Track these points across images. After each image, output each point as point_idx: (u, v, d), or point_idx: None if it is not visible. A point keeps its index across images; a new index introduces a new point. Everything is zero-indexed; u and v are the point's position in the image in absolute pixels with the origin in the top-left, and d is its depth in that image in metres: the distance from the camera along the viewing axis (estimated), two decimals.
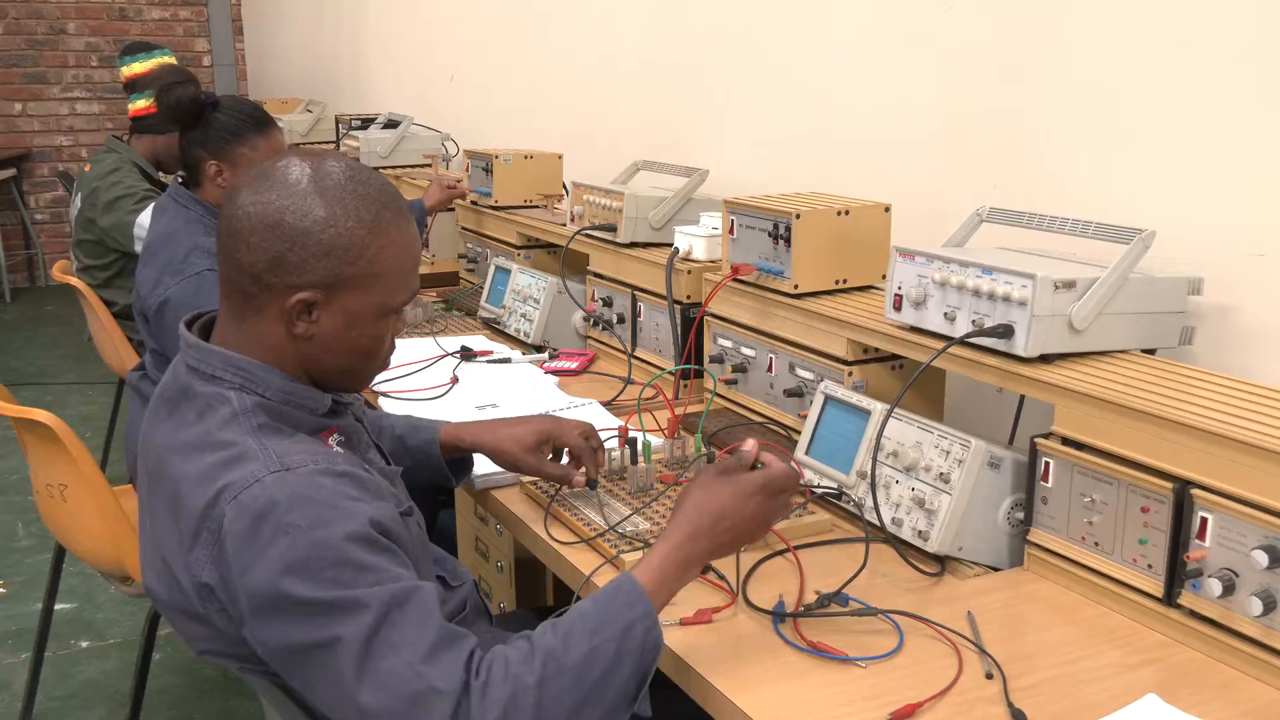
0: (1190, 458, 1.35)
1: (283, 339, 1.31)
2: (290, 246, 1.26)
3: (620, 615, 1.20)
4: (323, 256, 1.27)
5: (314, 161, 1.31)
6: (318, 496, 1.19)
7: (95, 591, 3.40)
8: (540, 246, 3.04)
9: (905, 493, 1.61)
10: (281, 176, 1.29)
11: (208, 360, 1.31)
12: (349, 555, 1.16)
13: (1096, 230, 1.65)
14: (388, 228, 1.31)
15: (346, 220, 1.28)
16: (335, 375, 1.37)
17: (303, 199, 1.27)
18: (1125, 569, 1.44)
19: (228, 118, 2.53)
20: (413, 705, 1.12)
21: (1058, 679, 1.29)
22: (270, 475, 1.19)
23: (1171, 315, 1.67)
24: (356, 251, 1.28)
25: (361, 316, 1.31)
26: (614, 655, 1.17)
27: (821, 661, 1.32)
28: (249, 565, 1.16)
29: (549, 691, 1.14)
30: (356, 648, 1.13)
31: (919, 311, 1.73)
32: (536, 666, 1.15)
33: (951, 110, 2.18)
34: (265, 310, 1.30)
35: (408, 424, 1.78)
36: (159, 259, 2.46)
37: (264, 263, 1.27)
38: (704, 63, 2.94)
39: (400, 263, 1.32)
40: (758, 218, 2.06)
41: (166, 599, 1.28)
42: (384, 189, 1.33)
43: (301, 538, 1.15)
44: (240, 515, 1.17)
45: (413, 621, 1.16)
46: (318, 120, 5.31)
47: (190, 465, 1.23)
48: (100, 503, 2.19)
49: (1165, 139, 1.79)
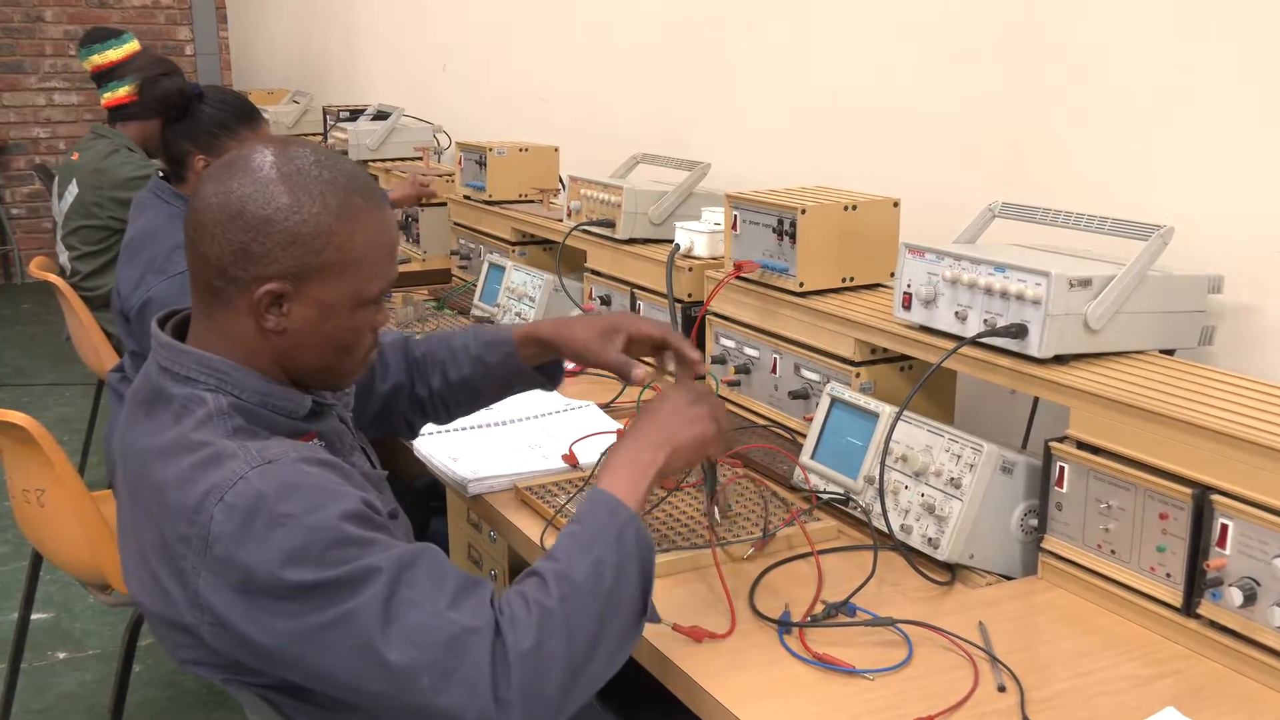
0: (1210, 462, 1.35)
1: (254, 335, 1.30)
2: (254, 236, 1.26)
3: (608, 524, 1.26)
4: (288, 245, 1.26)
5: (278, 148, 1.31)
6: (306, 482, 1.20)
7: (73, 600, 3.40)
8: (536, 243, 3.04)
9: (915, 499, 1.61)
10: (244, 165, 1.29)
11: (181, 361, 1.31)
12: (348, 533, 1.18)
13: (1113, 226, 1.65)
14: (357, 213, 1.30)
15: (312, 206, 1.27)
16: (314, 373, 1.36)
17: (265, 186, 1.27)
18: (1142, 578, 1.44)
19: (215, 110, 2.52)
20: (449, 650, 1.14)
21: (1072, 692, 1.29)
22: (253, 470, 1.20)
23: (1191, 314, 1.67)
24: (324, 239, 1.27)
25: (335, 308, 1.30)
26: (616, 562, 1.23)
27: (828, 674, 1.33)
28: (246, 563, 1.16)
29: (571, 607, 1.19)
30: (375, 613, 1.15)
31: (929, 310, 1.73)
32: (552, 589, 1.20)
33: (963, 101, 2.19)
34: (234, 305, 1.29)
35: (480, 341, 1.77)
36: (141, 257, 2.45)
37: (229, 255, 1.27)
38: (706, 52, 2.94)
39: (373, 249, 1.32)
40: (762, 213, 2.06)
41: (151, 607, 1.28)
42: (353, 173, 1.32)
43: (296, 525, 1.16)
44: (230, 515, 1.17)
45: (426, 576, 1.18)
46: (305, 111, 5.31)
47: (170, 469, 1.23)
48: (79, 508, 2.19)
49: (1185, 131, 1.79)
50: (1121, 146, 1.89)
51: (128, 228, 2.58)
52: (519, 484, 1.84)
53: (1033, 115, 2.04)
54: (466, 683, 1.14)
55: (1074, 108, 1.96)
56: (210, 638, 1.22)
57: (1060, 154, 2.00)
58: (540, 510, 1.75)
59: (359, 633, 1.15)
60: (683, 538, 1.62)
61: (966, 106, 2.18)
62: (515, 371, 1.75)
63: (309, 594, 1.15)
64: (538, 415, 2.18)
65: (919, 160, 2.29)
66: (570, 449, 1.96)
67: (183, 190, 2.55)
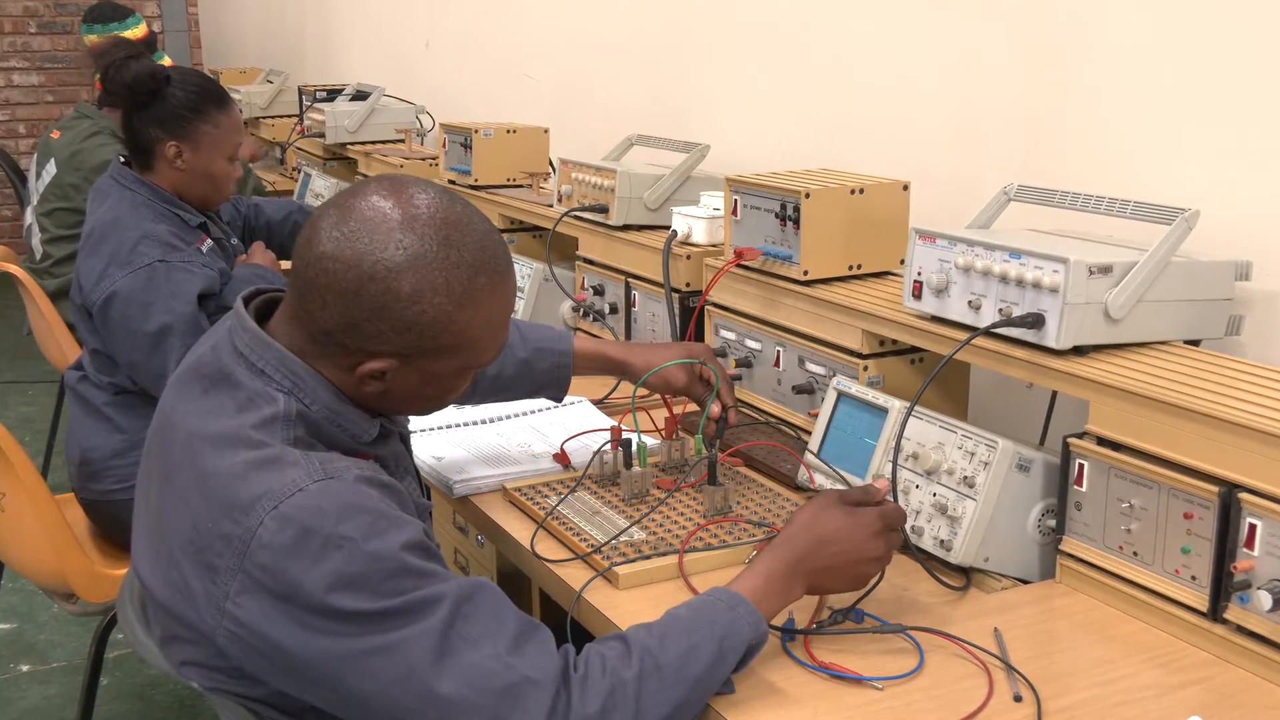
0: (1238, 459, 1.35)
1: (346, 383, 1.31)
2: (368, 317, 1.25)
3: (720, 616, 1.28)
4: (404, 331, 1.26)
5: (406, 209, 1.26)
6: (368, 505, 1.21)
7: (37, 610, 3.40)
8: (524, 230, 3.04)
9: (926, 499, 1.61)
10: (368, 228, 1.24)
11: (261, 353, 1.30)
12: (408, 563, 1.19)
13: (1135, 210, 1.65)
14: (480, 296, 1.28)
15: (434, 296, 1.24)
16: (397, 413, 1.42)
17: (388, 265, 1.23)
18: (1166, 581, 1.44)
19: (184, 93, 2.52)
20: (505, 698, 1.16)
21: (1092, 702, 1.30)
22: (314, 484, 1.20)
23: (1217, 303, 1.68)
24: (442, 326, 1.27)
25: (441, 376, 1.33)
26: (715, 654, 1.25)
27: (835, 683, 1.33)
28: (295, 579, 1.16)
29: (648, 687, 1.20)
30: (430, 644, 1.16)
31: (941, 300, 1.73)
32: (634, 662, 1.21)
33: (977, 78, 2.19)
34: (332, 358, 1.30)
35: (530, 344, 1.85)
36: (104, 249, 2.44)
37: (338, 324, 1.26)
38: (705, 26, 2.94)
39: (490, 330, 1.32)
40: (763, 197, 2.06)
41: (161, 594, 1.27)
42: (482, 245, 1.28)
43: (356, 551, 1.17)
44: (284, 527, 1.17)
45: (486, 613, 1.20)
46: (279, 92, 5.30)
47: (222, 460, 1.23)
48: (41, 513, 2.19)
49: (1211, 107, 1.79)
50: (1144, 124, 1.89)
51: (88, 216, 2.56)
52: (508, 485, 1.84)
53: (1050, 92, 2.04)
54: None
55: (1093, 84, 1.96)
56: (226, 642, 1.22)
57: (1079, 133, 2.00)
58: (531, 513, 1.76)
59: (408, 662, 1.16)
60: (677, 538, 1.62)
61: (981, 83, 2.18)
62: (556, 381, 1.86)
63: (360, 619, 1.16)
64: (527, 412, 2.18)
65: (930, 141, 2.29)
66: (562, 448, 1.96)
67: (149, 179, 2.54)
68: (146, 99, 2.50)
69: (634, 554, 1.58)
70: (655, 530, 1.66)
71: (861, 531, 1.38)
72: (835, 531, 1.37)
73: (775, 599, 1.34)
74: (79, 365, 2.58)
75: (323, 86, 4.79)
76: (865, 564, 1.39)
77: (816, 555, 1.37)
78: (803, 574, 1.36)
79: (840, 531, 1.37)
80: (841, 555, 1.37)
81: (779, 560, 1.36)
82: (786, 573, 1.35)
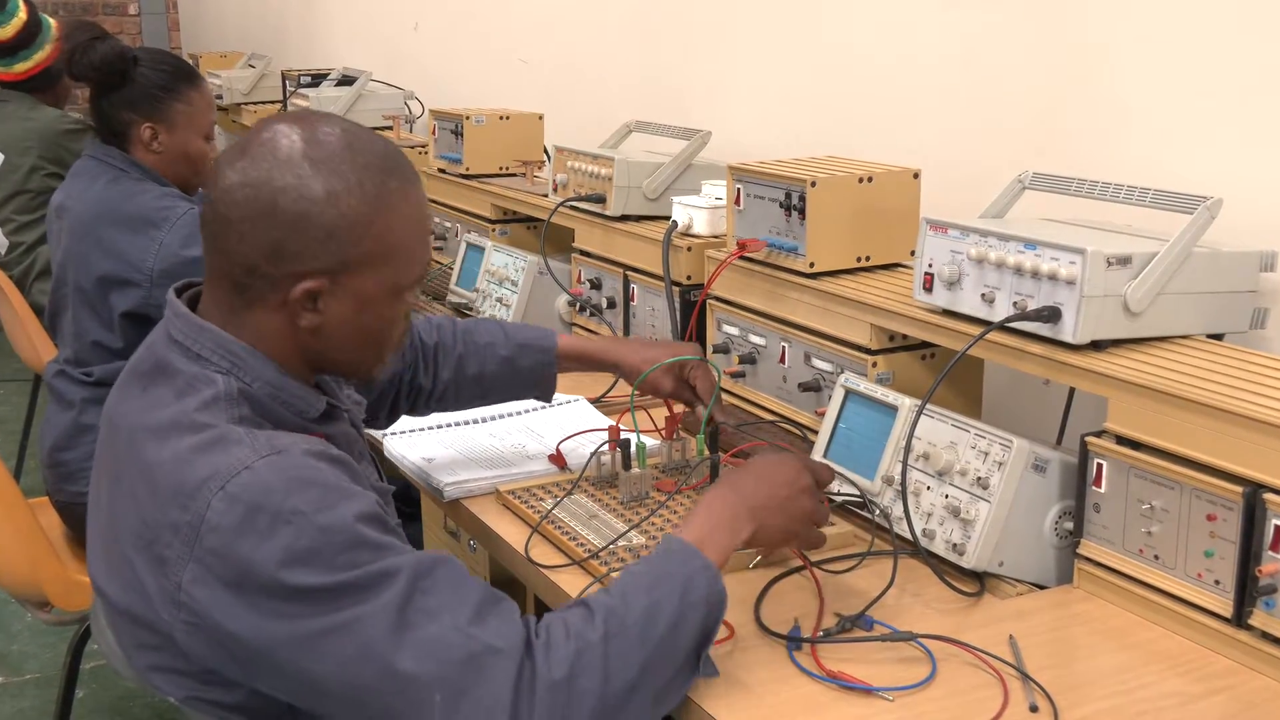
0: (1263, 458, 1.36)
1: (283, 329, 1.33)
2: (288, 233, 1.28)
3: (677, 570, 1.28)
4: (325, 240, 1.29)
5: (304, 128, 1.32)
6: (317, 478, 1.22)
7: (9, 620, 3.40)
8: (518, 220, 3.04)
9: (938, 500, 1.62)
10: (269, 149, 1.30)
11: (198, 338, 1.32)
12: (362, 535, 1.19)
13: (1155, 198, 1.65)
14: (394, 198, 1.33)
15: (349, 196, 1.29)
16: (345, 366, 1.41)
17: (297, 176, 1.28)
18: (1189, 585, 1.45)
19: (154, 73, 2.54)
20: (468, 668, 1.16)
21: (1112, 712, 1.30)
22: (260, 460, 1.21)
23: (1241, 295, 1.68)
24: (362, 229, 1.30)
25: (373, 299, 1.34)
26: (677, 610, 1.25)
27: (843, 693, 1.33)
28: (245, 559, 1.17)
29: (614, 648, 1.20)
30: (387, 619, 1.16)
31: (953, 293, 1.73)
32: (598, 624, 1.21)
33: (990, 62, 2.19)
34: (264, 301, 1.32)
35: (513, 341, 1.87)
36: (144, 227, 2.44)
37: (260, 253, 1.29)
38: (706, 7, 2.94)
39: (411, 235, 1.36)
40: (768, 186, 2.06)
41: (118, 600, 1.28)
42: (387, 152, 1.35)
43: (306, 524, 1.18)
44: (232, 507, 1.18)
45: (446, 585, 1.20)
46: (261, 76, 5.30)
47: (165, 449, 1.24)
48: (14, 518, 2.19)
49: (1234, 92, 1.79)
50: (1165, 110, 1.89)
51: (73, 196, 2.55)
52: (501, 487, 1.84)
53: (1066, 77, 2.05)
54: (481, 707, 1.15)
55: (1112, 68, 1.96)
56: (184, 638, 1.22)
57: (1096, 119, 2.00)
58: (525, 516, 1.76)
59: (366, 639, 1.16)
60: None
61: (994, 68, 2.18)
62: (541, 380, 1.88)
63: (314, 596, 1.17)
64: (521, 411, 2.19)
65: (942, 126, 2.29)
66: (557, 448, 1.97)
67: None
68: (116, 81, 2.51)
69: (633, 559, 1.58)
70: (655, 535, 1.66)
71: (795, 473, 1.46)
72: (771, 472, 1.45)
73: (724, 536, 1.36)
74: (59, 360, 2.58)
75: (307, 71, 4.79)
76: (795, 511, 1.44)
77: (757, 492, 1.42)
78: (747, 510, 1.39)
79: (775, 473, 1.45)
80: (774, 497, 1.42)
81: (720, 498, 1.40)
82: (729, 517, 1.38)
